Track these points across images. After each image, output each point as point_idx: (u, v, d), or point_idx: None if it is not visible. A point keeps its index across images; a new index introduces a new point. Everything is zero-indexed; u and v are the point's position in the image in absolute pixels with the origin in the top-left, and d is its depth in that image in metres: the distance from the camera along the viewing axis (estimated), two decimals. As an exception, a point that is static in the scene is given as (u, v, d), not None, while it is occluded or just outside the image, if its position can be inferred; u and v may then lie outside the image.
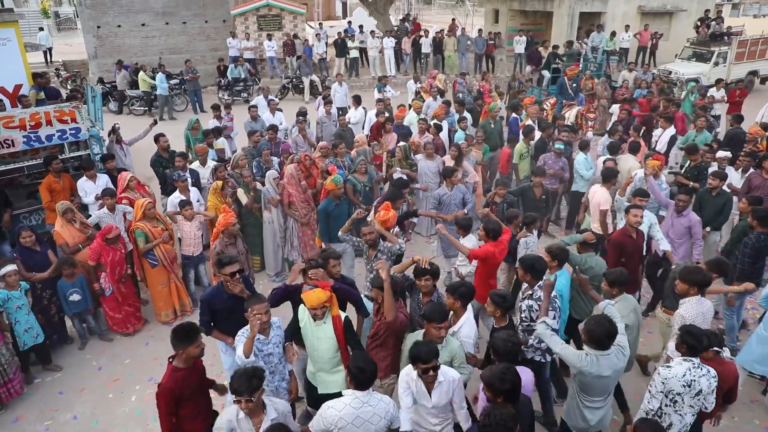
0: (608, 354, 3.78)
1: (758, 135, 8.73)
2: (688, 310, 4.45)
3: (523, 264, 4.67)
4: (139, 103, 16.60)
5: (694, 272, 4.58)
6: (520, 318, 4.68)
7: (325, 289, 4.15)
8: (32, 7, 30.78)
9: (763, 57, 18.18)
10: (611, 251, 5.84)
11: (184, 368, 3.87)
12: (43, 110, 7.67)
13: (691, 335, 3.81)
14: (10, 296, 5.44)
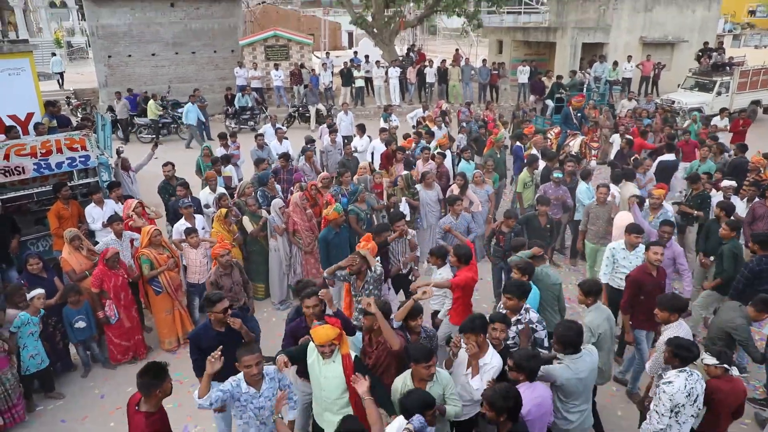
0: (581, 356, 4.15)
1: (760, 164, 8.77)
2: (672, 335, 4.55)
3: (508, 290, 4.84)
4: (146, 131, 16.84)
5: (672, 299, 4.80)
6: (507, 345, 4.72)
7: (334, 326, 4.01)
8: (46, 37, 31.46)
9: (765, 87, 18.33)
10: (629, 288, 5.67)
11: (155, 412, 3.65)
12: (54, 138, 7.81)
13: (681, 347, 4.02)
14: (30, 320, 5.49)
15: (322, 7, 43.89)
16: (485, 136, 11.95)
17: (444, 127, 12.36)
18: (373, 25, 22.33)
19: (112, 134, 11.41)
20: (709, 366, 4.15)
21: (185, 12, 19.92)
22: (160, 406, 3.73)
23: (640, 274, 5.68)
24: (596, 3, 22.75)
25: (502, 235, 7.15)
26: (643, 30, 22.19)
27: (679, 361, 4.02)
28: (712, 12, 23.25)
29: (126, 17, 19.16)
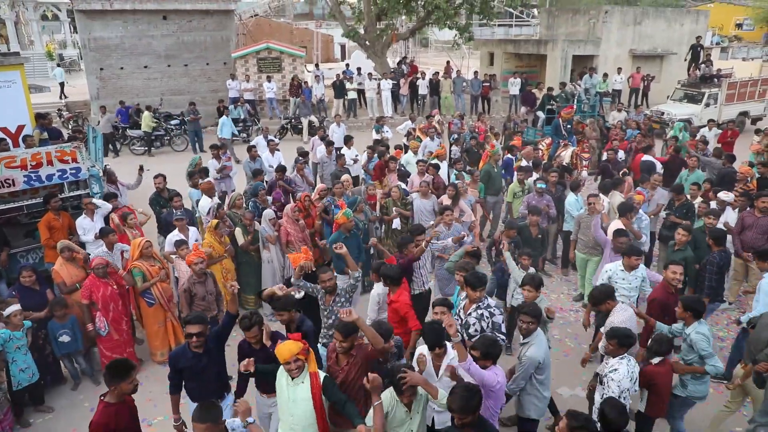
0: (539, 332, 4.69)
1: (748, 174, 8.90)
2: (617, 317, 5.09)
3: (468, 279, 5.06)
4: (139, 143, 16.80)
5: (605, 289, 5.32)
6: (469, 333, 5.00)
7: (297, 340, 3.92)
8: (37, 49, 31.44)
9: (752, 98, 18.60)
10: (655, 311, 5.52)
11: (115, 403, 3.89)
12: (45, 150, 7.77)
13: (625, 336, 4.36)
14: (12, 336, 5.42)
15: (314, 20, 44.21)
16: (477, 147, 12.01)
17: (436, 137, 12.41)
18: (366, 38, 22.49)
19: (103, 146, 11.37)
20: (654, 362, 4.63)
21: (178, 25, 19.99)
22: (123, 399, 3.96)
23: (665, 295, 5.54)
24: (586, 16, 23.07)
25: (502, 246, 7.19)
26: (632, 43, 22.51)
27: (618, 345, 4.35)
28: (700, 25, 23.64)
29: (118, 30, 19.20)
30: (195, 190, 9.14)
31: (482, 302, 5.09)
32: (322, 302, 5.41)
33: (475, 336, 4.89)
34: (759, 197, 7.43)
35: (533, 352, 4.60)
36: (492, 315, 5.06)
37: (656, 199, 8.66)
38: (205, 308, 5.91)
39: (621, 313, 5.13)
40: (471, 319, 5.06)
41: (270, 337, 4.59)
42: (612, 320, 5.07)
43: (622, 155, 11.12)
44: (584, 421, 3.45)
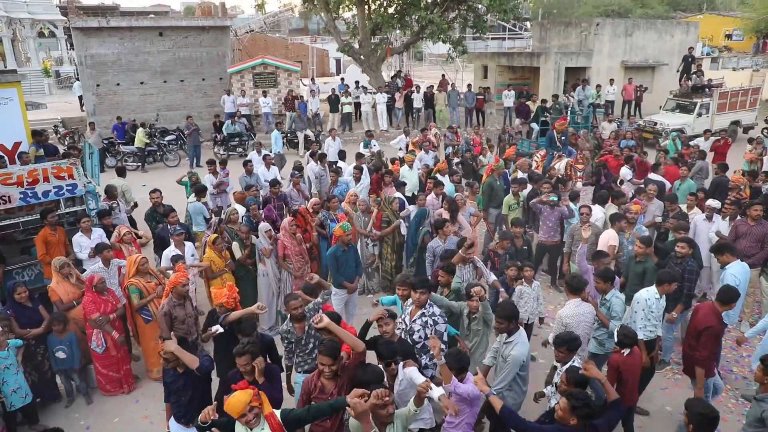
0: (520, 330, 4.90)
1: (740, 183, 8.97)
2: (567, 311, 5.41)
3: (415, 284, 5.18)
4: (132, 159, 16.83)
5: (572, 277, 5.58)
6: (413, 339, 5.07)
7: (245, 389, 3.70)
8: (34, 66, 31.55)
9: (743, 108, 18.79)
10: (712, 340, 5.40)
11: None
12: (41, 167, 7.79)
13: (567, 340, 4.58)
14: None
15: (309, 35, 44.60)
16: (471, 159, 12.07)
17: (431, 151, 12.49)
18: (360, 52, 22.68)
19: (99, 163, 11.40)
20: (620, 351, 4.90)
21: (173, 41, 20.15)
22: None
23: (718, 322, 5.36)
24: (578, 29, 23.33)
25: (497, 257, 7.22)
26: (624, 54, 22.76)
27: (573, 354, 4.59)
28: (690, 36, 23.93)
29: (115, 47, 19.33)
30: (198, 203, 9.17)
31: (427, 309, 5.14)
32: (293, 336, 5.14)
33: (419, 343, 5.03)
34: (751, 206, 7.49)
35: (518, 351, 4.74)
36: (436, 323, 5.09)
37: (652, 210, 8.70)
38: (186, 332, 5.76)
39: (575, 308, 5.40)
40: (416, 326, 5.11)
41: (263, 373, 4.33)
42: (561, 314, 5.45)
43: (629, 173, 10.75)
44: (584, 399, 3.73)
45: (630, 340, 4.90)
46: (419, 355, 4.98)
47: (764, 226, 7.36)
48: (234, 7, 66.10)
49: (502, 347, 4.94)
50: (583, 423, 3.72)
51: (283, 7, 32.42)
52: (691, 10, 50.93)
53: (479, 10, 21.81)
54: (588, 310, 5.41)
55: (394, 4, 22.50)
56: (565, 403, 3.73)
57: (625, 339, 4.90)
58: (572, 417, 3.75)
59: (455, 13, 22.24)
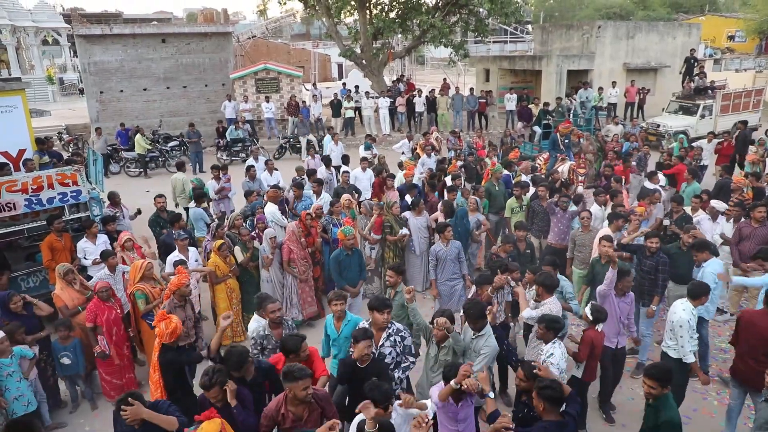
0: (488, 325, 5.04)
1: (742, 184, 8.96)
2: (547, 310, 5.45)
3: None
4: (134, 165, 16.89)
5: (546, 277, 5.68)
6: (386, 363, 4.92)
7: (212, 417, 3.63)
8: (38, 74, 31.76)
9: (746, 109, 18.75)
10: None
11: None
12: (46, 174, 7.83)
13: (553, 321, 4.86)
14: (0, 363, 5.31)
15: (311, 40, 44.77)
16: (474, 163, 12.07)
17: (433, 155, 12.50)
18: (362, 57, 22.74)
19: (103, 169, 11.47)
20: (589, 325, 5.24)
21: (176, 47, 20.25)
22: None
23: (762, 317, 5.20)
24: (580, 31, 23.34)
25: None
26: (626, 56, 22.74)
27: (553, 334, 4.80)
28: (692, 38, 23.90)
29: (118, 53, 19.44)
30: (198, 209, 9.22)
31: (390, 327, 4.96)
32: (270, 342, 5.16)
33: (391, 364, 4.87)
34: (755, 207, 7.46)
35: (492, 341, 4.93)
36: (403, 339, 4.99)
37: (655, 213, 8.68)
38: (185, 334, 5.73)
39: (553, 306, 5.55)
40: (385, 349, 4.90)
41: (236, 396, 4.09)
42: (543, 310, 5.52)
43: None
44: (550, 383, 3.96)
45: (603, 316, 5.24)
46: (392, 372, 4.88)
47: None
48: (236, 13, 66.43)
49: (472, 343, 5.00)
50: (557, 411, 3.89)
51: (285, 13, 32.50)
52: (693, 12, 50.88)
53: (481, 14, 21.87)
54: (560, 307, 5.66)
55: (395, 9, 22.57)
56: (529, 386, 4.11)
57: (599, 315, 5.23)
58: (540, 402, 3.90)
59: (457, 17, 22.29)
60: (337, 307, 5.36)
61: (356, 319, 5.46)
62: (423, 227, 8.69)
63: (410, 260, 8.91)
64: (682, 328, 5.33)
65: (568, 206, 8.51)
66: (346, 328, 5.34)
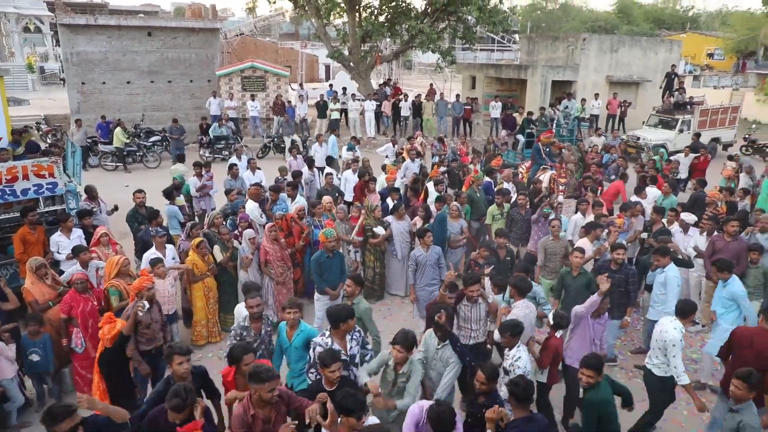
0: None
1: (716, 198, 9.15)
2: (518, 312, 5.60)
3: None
4: (110, 158, 16.65)
5: (520, 280, 5.78)
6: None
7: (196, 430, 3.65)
8: (18, 61, 31.12)
9: (723, 125, 19.17)
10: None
11: None
12: (21, 164, 7.68)
13: (514, 327, 4.96)
14: None
15: (300, 40, 44.64)
16: (458, 169, 12.14)
17: (417, 159, 12.53)
18: (350, 59, 22.74)
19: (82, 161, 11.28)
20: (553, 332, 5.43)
21: (162, 41, 20.03)
22: None
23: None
24: (565, 43, 23.66)
25: (478, 266, 7.24)
26: (609, 69, 23.11)
27: (517, 338, 4.94)
28: (674, 54, 24.40)
29: (102, 45, 19.16)
30: (172, 206, 9.12)
31: (354, 332, 4.96)
32: (249, 334, 5.21)
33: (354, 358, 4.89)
34: (728, 222, 7.63)
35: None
36: (360, 333, 5.06)
37: (635, 225, 8.79)
38: (150, 338, 5.66)
39: (523, 309, 5.64)
40: (354, 350, 4.90)
41: (203, 414, 3.95)
42: (516, 313, 5.60)
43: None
44: (518, 380, 4.20)
45: (564, 322, 5.44)
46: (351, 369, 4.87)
47: (740, 242, 7.51)
48: (225, 10, 66.03)
49: (437, 353, 4.98)
50: (526, 408, 4.11)
51: (275, 12, 32.37)
52: (675, 29, 52.01)
53: (469, 22, 22.02)
54: (533, 309, 5.79)
55: (384, 13, 22.62)
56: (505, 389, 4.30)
57: (561, 321, 5.42)
58: (510, 399, 4.14)
59: (445, 23, 22.42)
60: (290, 315, 5.14)
61: (310, 329, 5.27)
62: (405, 231, 8.71)
63: (391, 264, 8.93)
64: (675, 347, 5.23)
65: (549, 215, 8.56)
66: (298, 338, 5.15)
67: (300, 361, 5.15)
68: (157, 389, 4.35)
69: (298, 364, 5.18)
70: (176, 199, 9.45)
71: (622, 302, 6.67)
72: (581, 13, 60.43)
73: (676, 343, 5.23)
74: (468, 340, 5.75)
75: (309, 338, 5.11)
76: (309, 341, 5.05)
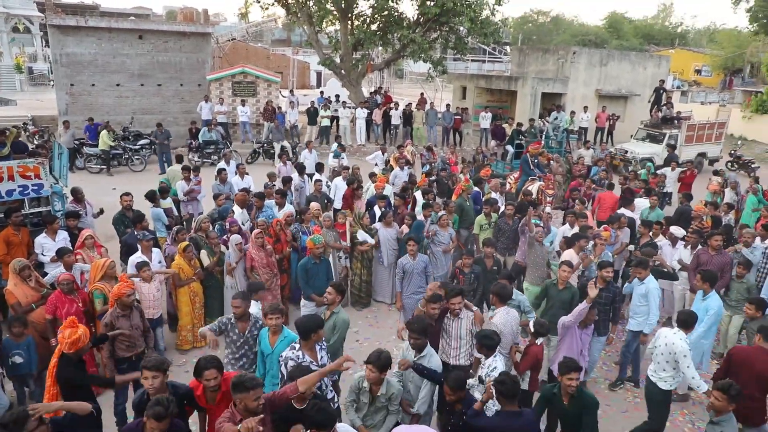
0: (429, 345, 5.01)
1: (702, 212, 9.27)
2: (498, 318, 5.65)
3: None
4: (95, 160, 16.51)
5: (500, 287, 5.83)
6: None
7: None
8: (6, 61, 30.83)
9: (709, 141, 19.43)
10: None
11: None
12: (6, 165, 7.59)
13: (486, 338, 4.93)
14: None
15: (291, 47, 44.72)
16: (447, 178, 12.19)
17: (406, 168, 12.57)
18: (341, 67, 22.81)
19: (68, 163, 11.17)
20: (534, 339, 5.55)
21: (153, 44, 19.96)
22: None
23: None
24: (555, 56, 23.93)
25: (462, 275, 7.25)
26: (598, 83, 23.38)
27: (488, 350, 4.90)
28: (662, 69, 24.76)
29: (92, 47, 19.05)
30: (156, 209, 9.08)
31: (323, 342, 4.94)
32: (234, 331, 5.28)
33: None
34: (712, 236, 7.72)
35: (436, 362, 4.90)
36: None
37: (621, 238, 8.83)
38: (130, 344, 5.59)
39: (504, 315, 5.68)
40: (324, 360, 4.81)
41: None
42: (495, 321, 5.65)
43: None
44: (504, 378, 4.30)
45: (544, 330, 5.57)
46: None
47: (724, 256, 7.60)
48: (217, 14, 65.97)
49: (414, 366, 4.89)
50: (513, 404, 4.24)
51: (267, 18, 32.48)
52: (663, 45, 52.80)
53: (460, 32, 22.21)
54: (515, 316, 5.83)
55: (377, 22, 22.74)
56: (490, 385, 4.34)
57: (541, 329, 5.54)
58: (497, 396, 4.26)
59: (437, 33, 22.59)
60: (272, 321, 5.04)
61: (293, 336, 5.09)
62: (392, 239, 8.71)
63: (378, 272, 8.92)
64: (686, 357, 5.28)
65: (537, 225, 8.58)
66: (281, 344, 5.03)
67: None
68: (134, 402, 4.28)
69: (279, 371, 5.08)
70: (161, 202, 9.38)
71: (608, 319, 6.60)
72: (572, 26, 61.23)
73: (686, 354, 5.30)
74: (449, 359, 5.59)
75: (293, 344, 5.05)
76: None
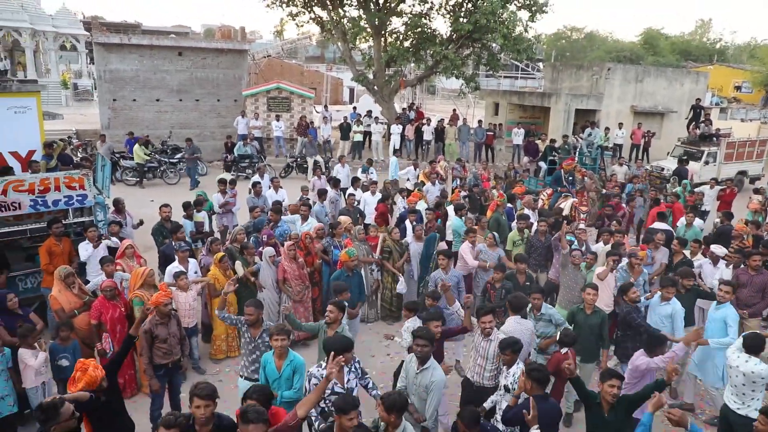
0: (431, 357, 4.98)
1: (743, 231, 9.00)
2: (507, 326, 5.73)
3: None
4: (131, 173, 17.02)
5: (515, 297, 5.94)
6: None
7: None
8: (53, 78, 32.19)
9: (750, 158, 18.87)
10: None
11: None
12: (53, 176, 7.91)
13: (513, 344, 4.99)
14: None
15: (325, 63, 45.36)
16: (479, 194, 12.15)
17: (438, 183, 12.58)
18: (374, 83, 23.05)
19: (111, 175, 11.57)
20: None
21: (192, 61, 20.58)
22: None
23: None
24: (589, 72, 23.68)
25: (494, 290, 7.20)
26: (634, 99, 23.03)
27: (517, 355, 4.99)
28: (700, 85, 24.24)
29: (134, 63, 19.76)
30: (189, 221, 9.32)
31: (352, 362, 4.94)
32: (247, 335, 5.46)
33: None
34: (751, 255, 7.49)
35: (439, 375, 4.83)
36: (359, 362, 5.07)
37: (659, 258, 8.61)
38: (167, 351, 5.72)
39: (514, 324, 5.72)
40: (352, 383, 4.84)
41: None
42: (504, 329, 5.66)
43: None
44: (537, 366, 4.62)
45: (570, 340, 5.58)
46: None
47: (764, 275, 7.37)
48: (253, 32, 67.50)
49: (416, 378, 4.82)
50: (542, 390, 4.49)
51: (302, 35, 33.09)
52: (701, 61, 51.64)
53: (493, 49, 22.21)
54: (528, 326, 5.84)
55: (410, 38, 22.93)
56: (522, 373, 4.58)
57: (566, 339, 5.59)
58: (528, 382, 4.46)
59: (470, 50, 22.64)
60: (277, 342, 4.80)
61: (299, 359, 4.97)
62: (421, 253, 8.70)
63: (408, 285, 8.91)
64: (764, 378, 5.14)
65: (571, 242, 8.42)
66: (288, 369, 4.87)
67: (291, 389, 4.92)
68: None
69: (289, 391, 4.91)
70: (195, 214, 9.61)
71: (636, 338, 6.33)
72: (606, 43, 60.49)
73: (763, 374, 5.10)
74: (473, 375, 5.52)
75: (298, 368, 4.92)
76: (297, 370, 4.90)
